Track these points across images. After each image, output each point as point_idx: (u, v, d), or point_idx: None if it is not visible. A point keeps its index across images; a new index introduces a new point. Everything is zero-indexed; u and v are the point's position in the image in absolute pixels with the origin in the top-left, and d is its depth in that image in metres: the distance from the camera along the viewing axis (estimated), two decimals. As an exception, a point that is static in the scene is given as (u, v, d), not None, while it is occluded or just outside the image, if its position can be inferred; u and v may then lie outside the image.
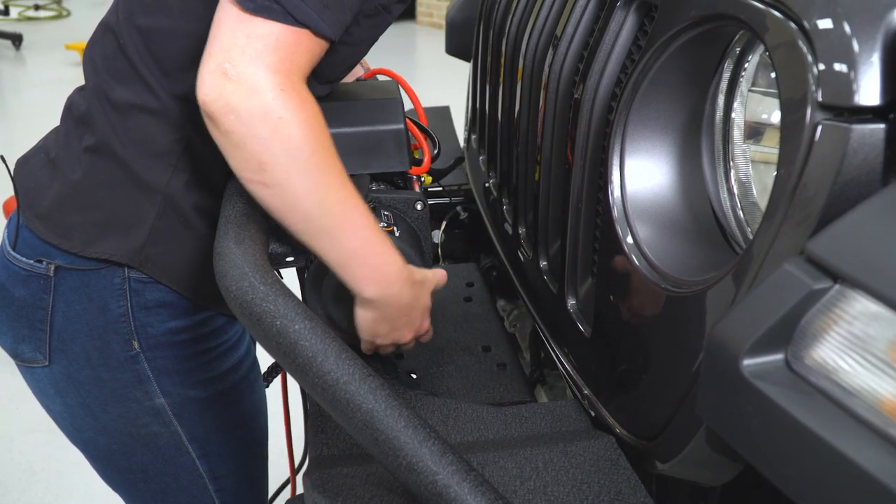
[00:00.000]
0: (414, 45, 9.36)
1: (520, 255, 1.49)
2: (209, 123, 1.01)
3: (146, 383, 1.28)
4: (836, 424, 0.64)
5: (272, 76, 0.97)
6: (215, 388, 1.36)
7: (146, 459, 1.36)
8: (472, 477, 0.85)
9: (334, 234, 1.06)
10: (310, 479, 1.00)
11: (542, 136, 1.30)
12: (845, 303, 0.67)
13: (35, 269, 1.24)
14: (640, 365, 1.01)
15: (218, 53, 0.97)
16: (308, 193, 1.02)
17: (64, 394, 1.31)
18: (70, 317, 1.25)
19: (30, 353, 1.29)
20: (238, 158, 1.01)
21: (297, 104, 0.99)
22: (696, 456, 0.92)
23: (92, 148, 1.20)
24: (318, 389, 0.88)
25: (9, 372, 1.34)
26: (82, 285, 1.24)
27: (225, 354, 1.37)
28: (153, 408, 1.30)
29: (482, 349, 1.49)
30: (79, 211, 1.22)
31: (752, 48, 0.94)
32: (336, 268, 1.10)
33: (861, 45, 0.72)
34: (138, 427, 1.32)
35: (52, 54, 8.05)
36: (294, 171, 1.00)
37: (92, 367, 1.27)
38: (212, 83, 0.97)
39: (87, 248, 1.21)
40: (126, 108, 1.18)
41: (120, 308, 1.24)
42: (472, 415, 1.16)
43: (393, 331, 1.20)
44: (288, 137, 0.98)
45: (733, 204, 0.97)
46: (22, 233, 1.26)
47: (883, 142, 0.72)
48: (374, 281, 1.11)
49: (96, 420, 1.32)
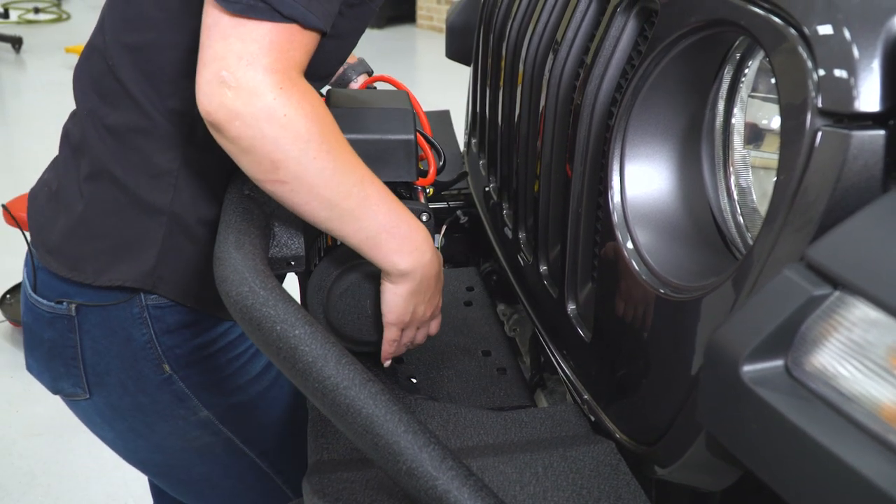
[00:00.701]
0: (414, 48, 9.37)
1: (520, 260, 1.49)
2: (215, 133, 1.01)
3: (186, 401, 1.29)
4: (835, 431, 0.64)
5: (270, 77, 0.97)
6: (255, 389, 1.36)
7: (206, 469, 1.38)
8: (472, 482, 0.85)
9: (359, 214, 1.06)
10: (309, 484, 1.00)
11: (543, 141, 1.30)
12: (845, 309, 0.67)
13: (57, 311, 1.25)
14: (640, 370, 1.01)
15: (213, 62, 0.97)
16: (325, 181, 1.03)
17: (111, 421, 1.32)
18: (99, 351, 1.26)
19: (70, 388, 1.30)
20: (250, 162, 1.01)
21: (299, 98, 0.99)
22: (696, 461, 0.92)
23: (91, 176, 1.20)
24: (318, 394, 0.88)
25: (8, 376, 1.34)
26: (104, 320, 1.24)
27: (255, 356, 1.37)
28: (199, 421, 1.31)
29: (482, 353, 1.49)
30: (87, 241, 1.22)
31: (752, 54, 0.94)
32: (367, 248, 1.10)
33: (861, 51, 0.73)
34: (190, 441, 1.33)
35: (52, 57, 8.05)
36: (307, 162, 1.01)
37: (130, 394, 1.28)
38: (211, 92, 0.97)
39: (99, 277, 1.21)
40: (121, 131, 1.18)
41: (144, 336, 1.25)
42: (471, 419, 1.16)
43: (426, 304, 1.19)
44: (296, 133, 0.99)
45: (733, 209, 0.97)
46: (39, 274, 1.26)
47: (883, 148, 0.72)
48: (408, 251, 1.11)
49: (147, 441, 1.33)
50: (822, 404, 0.67)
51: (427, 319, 1.23)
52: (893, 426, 0.63)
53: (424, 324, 1.25)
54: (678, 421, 0.93)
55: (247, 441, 1.36)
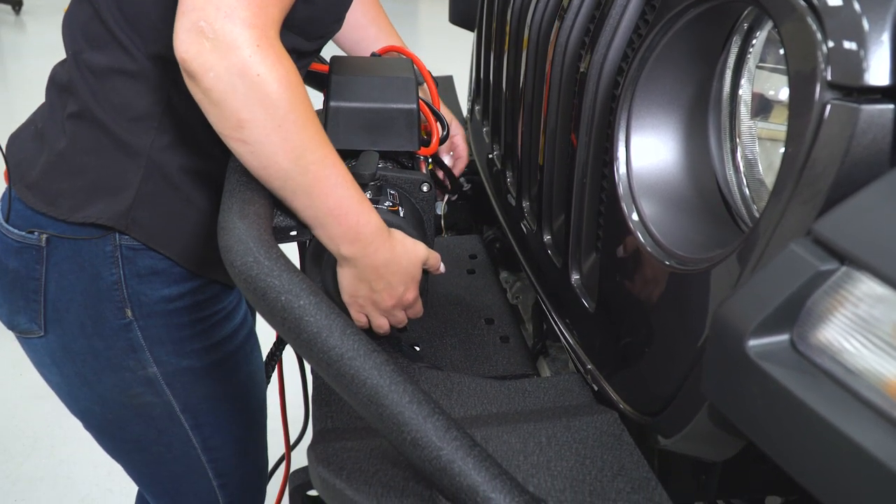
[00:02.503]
0: (417, 13, 9.30)
1: (523, 228, 1.49)
2: (189, 81, 1.01)
3: (139, 352, 1.29)
4: (839, 406, 0.64)
5: (248, 31, 0.97)
6: (210, 357, 1.36)
7: (139, 429, 1.37)
8: (476, 452, 0.85)
9: (311, 193, 1.07)
10: (314, 453, 1.01)
11: (548, 109, 1.30)
12: (851, 285, 0.67)
13: (27, 241, 1.24)
14: (644, 341, 1.01)
15: (192, 11, 0.97)
16: (285, 151, 1.03)
17: (60, 364, 1.32)
18: (63, 286, 1.25)
19: (26, 324, 1.30)
20: (217, 115, 1.01)
21: (274, 60, 0.99)
22: (700, 432, 0.92)
23: (75, 115, 1.21)
24: (323, 364, 0.89)
25: (11, 338, 1.34)
26: (74, 254, 1.24)
27: (220, 323, 1.37)
28: (146, 377, 1.31)
29: (485, 322, 1.49)
30: (65, 177, 1.22)
31: (761, 24, 0.93)
32: (313, 227, 1.11)
33: (871, 23, 0.72)
34: (132, 397, 1.32)
35: (52, 19, 7.99)
36: (271, 127, 1.01)
37: (86, 336, 1.28)
38: (189, 41, 0.97)
39: (74, 213, 1.21)
40: (104, 72, 1.19)
41: (112, 276, 1.24)
42: (475, 389, 1.17)
43: (372, 292, 1.20)
44: (266, 94, 0.99)
45: (739, 181, 0.97)
46: (14, 205, 1.26)
47: (892, 122, 0.71)
48: (350, 240, 1.12)
49: (92, 390, 1.32)
50: (826, 379, 0.67)
51: (390, 308, 1.23)
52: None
53: (388, 312, 1.24)
54: (682, 392, 0.93)
55: (185, 409, 1.36)
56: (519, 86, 1.49)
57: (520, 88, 1.48)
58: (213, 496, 1.48)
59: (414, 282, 1.23)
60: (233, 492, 1.50)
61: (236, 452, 1.48)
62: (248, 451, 1.52)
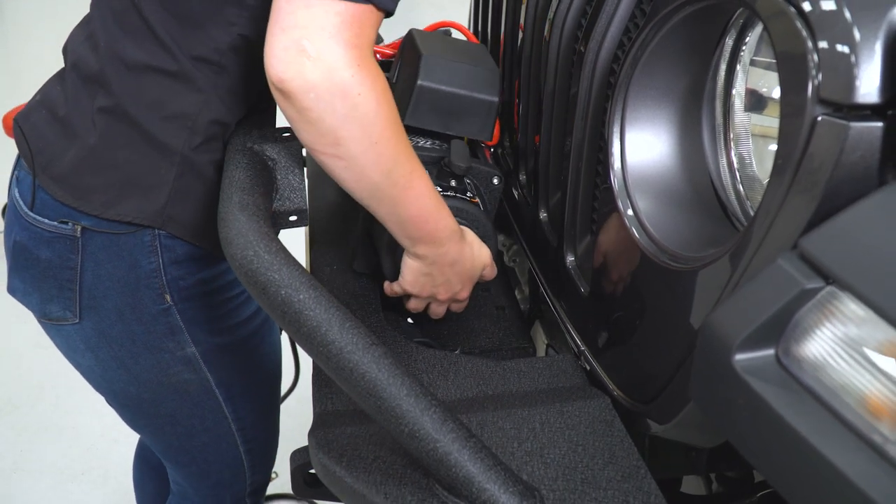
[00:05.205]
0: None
1: (514, 194, 1.51)
2: (282, 100, 1.00)
3: (178, 334, 1.31)
4: (820, 426, 0.67)
5: (350, 52, 0.97)
6: (240, 333, 1.40)
7: (175, 405, 1.40)
8: (472, 444, 0.88)
9: (397, 202, 1.10)
10: (314, 438, 1.03)
11: (544, 90, 1.30)
12: (835, 304, 0.69)
13: (61, 231, 1.23)
14: (637, 333, 1.04)
15: (293, 29, 0.96)
16: (378, 166, 1.05)
17: (95, 349, 1.33)
18: (100, 275, 1.25)
19: (58, 312, 1.30)
20: (313, 133, 1.02)
21: (372, 80, 1.00)
22: (691, 420, 0.95)
23: (106, 110, 1.19)
24: (323, 358, 0.91)
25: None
26: (111, 244, 1.23)
27: (247, 301, 1.41)
28: (185, 357, 1.34)
29: (481, 290, 1.51)
30: (97, 173, 1.20)
31: (754, 22, 0.93)
32: (391, 227, 1.15)
33: (862, 41, 0.72)
34: (169, 376, 1.35)
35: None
36: (367, 144, 1.03)
37: (125, 322, 1.29)
38: (287, 59, 0.96)
39: (107, 210, 1.20)
40: (141, 69, 1.16)
41: (151, 264, 1.25)
42: (471, 369, 1.19)
43: (433, 286, 1.26)
44: (365, 114, 1.00)
45: (733, 178, 0.98)
46: (39, 194, 1.24)
47: (880, 140, 0.72)
48: (426, 241, 1.17)
49: (128, 372, 1.34)
50: (808, 397, 0.69)
51: (443, 301, 1.30)
52: (877, 418, 0.66)
53: (440, 303, 1.31)
54: (674, 382, 0.96)
55: (220, 383, 1.40)
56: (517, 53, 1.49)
57: (517, 54, 1.48)
58: (238, 461, 1.53)
59: (471, 282, 1.29)
60: (256, 454, 1.56)
61: (259, 417, 1.53)
62: (268, 414, 1.58)
